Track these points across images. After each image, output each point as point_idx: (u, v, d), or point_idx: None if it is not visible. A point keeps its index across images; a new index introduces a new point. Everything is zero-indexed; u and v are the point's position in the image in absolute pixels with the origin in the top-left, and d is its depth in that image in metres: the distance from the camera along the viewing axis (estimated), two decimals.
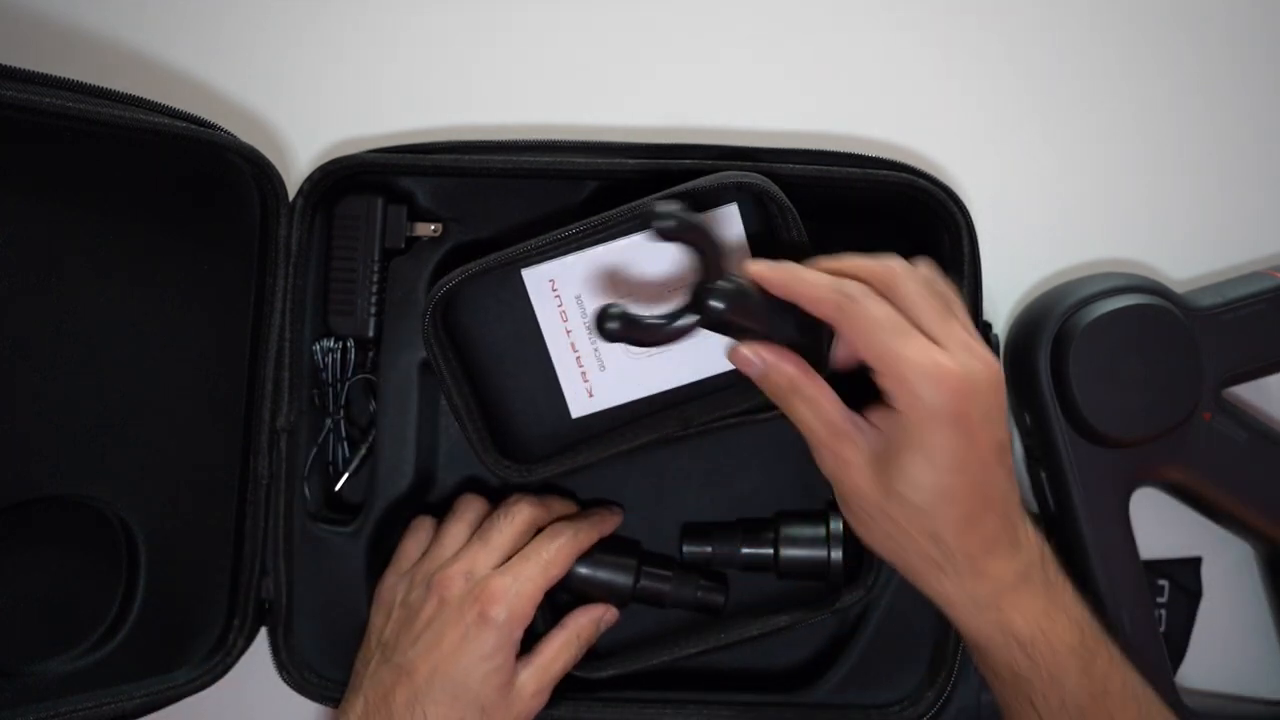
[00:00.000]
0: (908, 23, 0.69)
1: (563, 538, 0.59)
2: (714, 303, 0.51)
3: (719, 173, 0.58)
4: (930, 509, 0.50)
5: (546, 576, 0.58)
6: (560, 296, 0.59)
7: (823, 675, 0.64)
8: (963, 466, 0.49)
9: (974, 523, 0.50)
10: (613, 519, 0.63)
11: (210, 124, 0.59)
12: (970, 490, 0.50)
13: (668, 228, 0.51)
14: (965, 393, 0.49)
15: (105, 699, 0.57)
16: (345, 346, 0.64)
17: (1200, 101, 0.69)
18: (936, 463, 0.49)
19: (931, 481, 0.49)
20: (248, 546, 0.62)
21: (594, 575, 0.62)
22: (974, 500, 0.50)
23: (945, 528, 0.50)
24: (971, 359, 0.49)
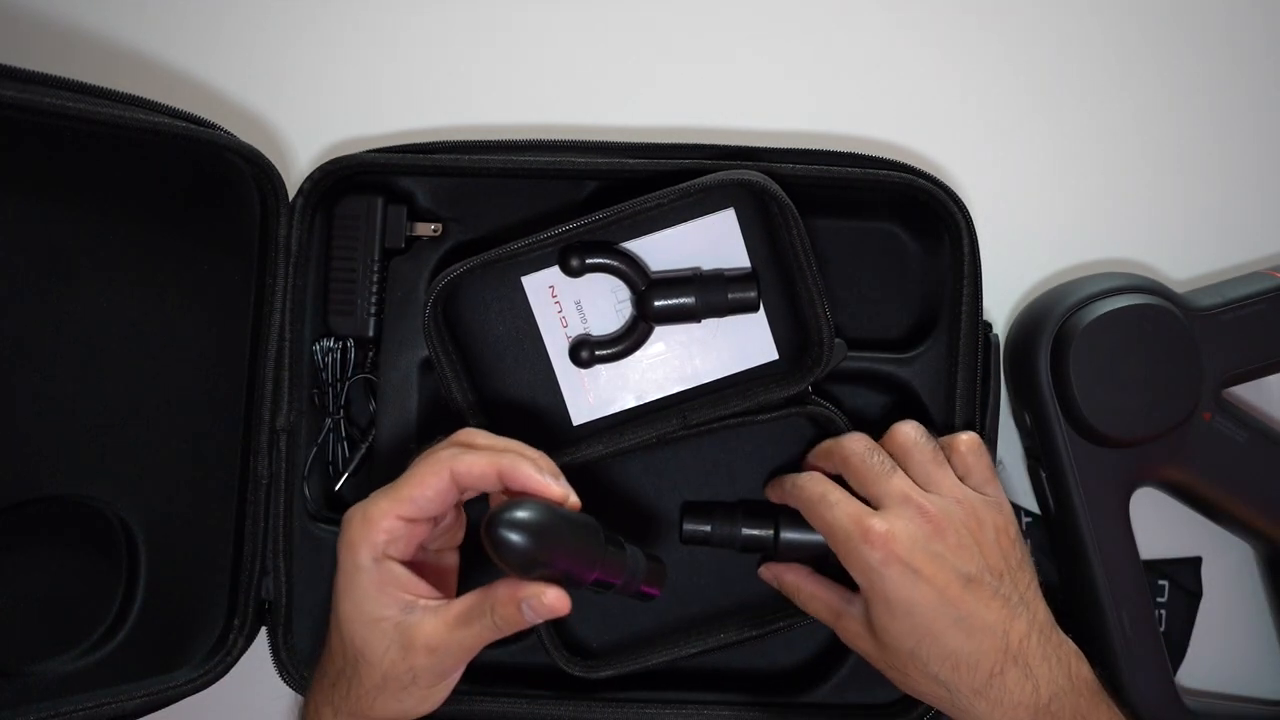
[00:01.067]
0: (908, 23, 0.69)
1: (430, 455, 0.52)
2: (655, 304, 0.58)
3: (719, 172, 0.58)
4: (914, 652, 0.53)
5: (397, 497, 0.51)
6: (560, 303, 0.60)
7: (823, 676, 0.64)
8: (918, 604, 0.53)
9: (961, 659, 0.52)
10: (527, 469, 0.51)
11: (210, 124, 0.59)
12: (944, 626, 0.52)
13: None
14: (890, 539, 0.53)
15: (105, 699, 0.57)
16: (345, 346, 0.64)
17: (1200, 102, 0.69)
18: (895, 611, 0.53)
19: (900, 628, 0.53)
20: (248, 546, 0.62)
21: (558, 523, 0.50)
22: (953, 634, 0.52)
23: (938, 667, 0.53)
24: (903, 509, 0.54)
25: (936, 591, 0.52)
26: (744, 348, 0.61)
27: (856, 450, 0.57)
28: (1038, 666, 0.53)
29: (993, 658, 0.52)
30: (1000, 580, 0.54)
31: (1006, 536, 0.55)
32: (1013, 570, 0.54)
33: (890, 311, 0.65)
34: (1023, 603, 0.54)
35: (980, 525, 0.55)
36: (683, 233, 0.59)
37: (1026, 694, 0.52)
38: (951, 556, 0.53)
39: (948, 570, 0.53)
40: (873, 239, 0.65)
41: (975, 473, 0.57)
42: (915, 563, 0.52)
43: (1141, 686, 0.62)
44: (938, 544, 0.53)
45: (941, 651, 0.53)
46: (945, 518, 0.54)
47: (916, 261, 0.65)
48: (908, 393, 0.63)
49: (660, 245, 0.59)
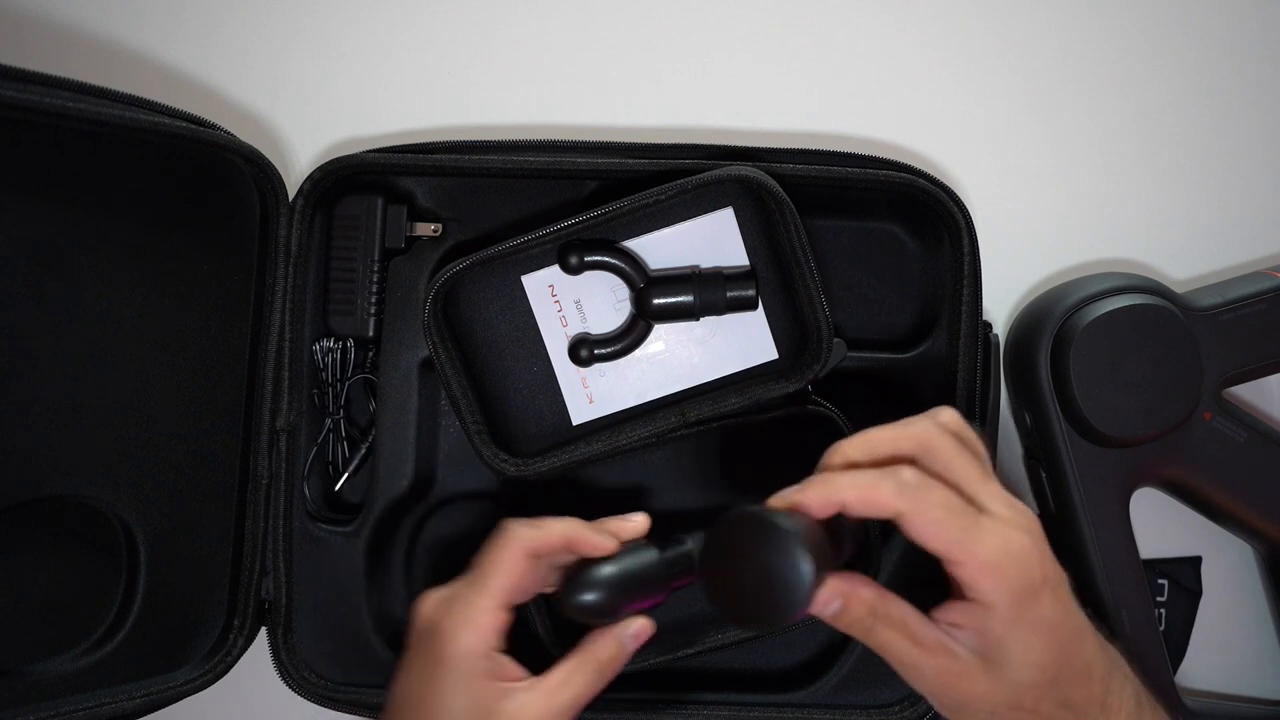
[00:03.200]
0: (908, 23, 0.69)
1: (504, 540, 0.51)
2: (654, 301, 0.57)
3: (718, 169, 0.58)
4: (1056, 677, 0.47)
5: (487, 591, 0.49)
6: (560, 301, 0.60)
7: (822, 675, 0.64)
8: (1060, 625, 0.47)
9: (1091, 672, 0.48)
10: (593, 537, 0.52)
11: (210, 124, 0.59)
12: (1075, 642, 0.48)
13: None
14: (1033, 560, 0.47)
15: (105, 699, 0.57)
16: (345, 346, 0.64)
17: (1200, 102, 0.69)
18: (1044, 634, 0.47)
19: (1039, 659, 0.47)
20: (248, 546, 0.62)
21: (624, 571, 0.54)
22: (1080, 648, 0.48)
23: (1069, 689, 0.47)
24: (1018, 519, 0.47)
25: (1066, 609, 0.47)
26: (744, 347, 0.61)
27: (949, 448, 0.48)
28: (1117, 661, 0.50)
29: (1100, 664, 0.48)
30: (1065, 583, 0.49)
31: None
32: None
33: (890, 311, 0.65)
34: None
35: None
36: (681, 231, 0.59)
37: (1128, 692, 0.49)
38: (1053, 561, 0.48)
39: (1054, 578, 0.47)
40: (873, 239, 0.65)
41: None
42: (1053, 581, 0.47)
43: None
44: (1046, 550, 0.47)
45: (1072, 670, 0.47)
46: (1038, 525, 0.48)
47: (916, 261, 0.65)
48: (908, 393, 0.63)
49: (659, 244, 0.59)
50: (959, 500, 0.46)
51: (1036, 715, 0.47)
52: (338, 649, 0.63)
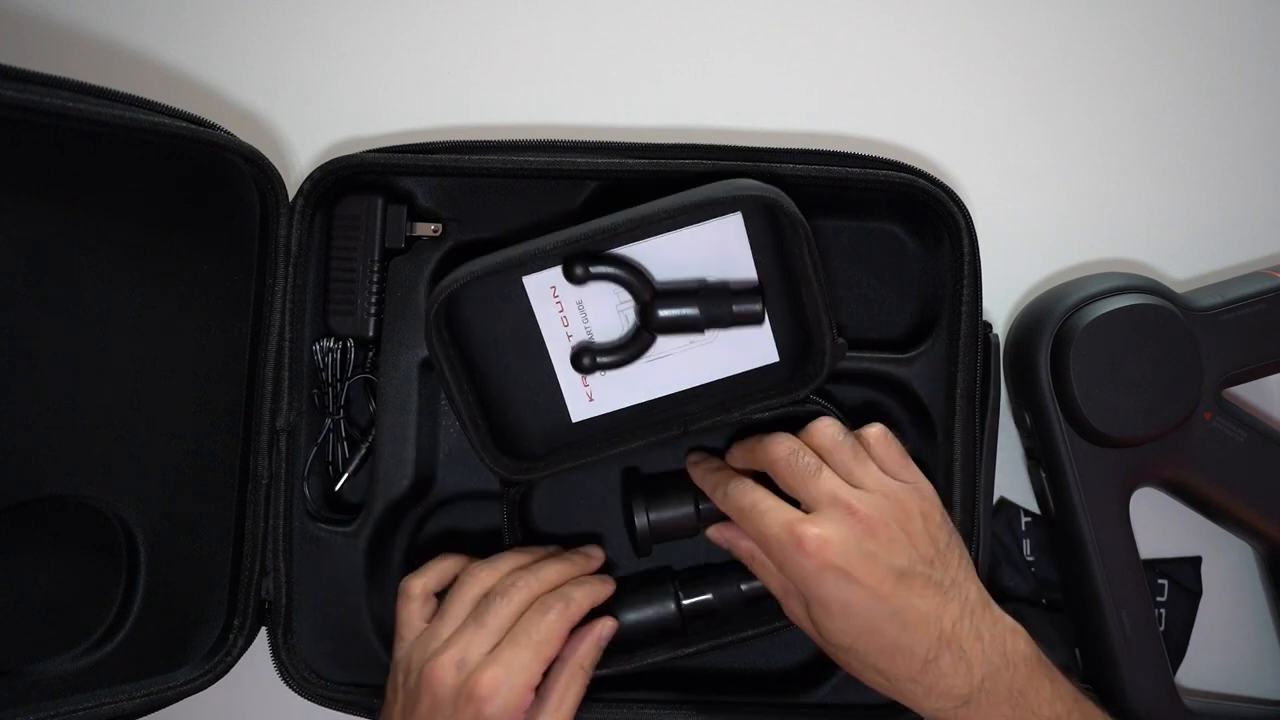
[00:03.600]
0: (908, 23, 0.69)
1: (553, 613, 0.56)
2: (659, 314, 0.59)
3: (732, 181, 0.58)
4: (852, 647, 0.54)
5: (540, 658, 0.55)
6: (561, 302, 0.59)
7: (822, 676, 0.64)
8: (855, 608, 0.53)
9: (898, 650, 0.53)
10: (604, 587, 0.60)
11: (210, 124, 0.59)
12: (880, 622, 0.53)
13: None
14: (823, 546, 0.53)
15: (105, 699, 0.57)
16: (345, 346, 0.64)
17: (1200, 102, 0.69)
18: (831, 612, 0.54)
19: (838, 627, 0.54)
20: (248, 546, 0.62)
21: (641, 620, 0.61)
22: (889, 629, 0.53)
23: (875, 659, 0.54)
24: (833, 511, 0.54)
25: (870, 591, 0.53)
26: (745, 349, 0.61)
27: (782, 453, 0.57)
28: (970, 648, 0.53)
29: (927, 645, 0.53)
30: (931, 567, 0.54)
31: (933, 521, 0.56)
32: (942, 554, 0.55)
33: (890, 311, 0.65)
34: (955, 585, 0.54)
35: (907, 515, 0.55)
36: (688, 236, 0.58)
37: (960, 675, 0.53)
38: (884, 554, 0.53)
39: (881, 568, 0.53)
40: (873, 239, 0.65)
41: (888, 461, 0.57)
42: (849, 566, 0.53)
43: (1141, 686, 0.62)
44: (870, 543, 0.53)
45: (879, 645, 0.53)
46: (875, 514, 0.54)
47: (916, 261, 0.65)
48: (907, 393, 0.63)
49: (665, 249, 0.59)
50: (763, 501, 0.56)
51: (850, 667, 0.55)
52: (338, 649, 0.63)
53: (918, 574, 0.54)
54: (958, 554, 0.56)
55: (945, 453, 0.62)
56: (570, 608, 0.57)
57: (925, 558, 0.54)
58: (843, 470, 0.56)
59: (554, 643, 0.56)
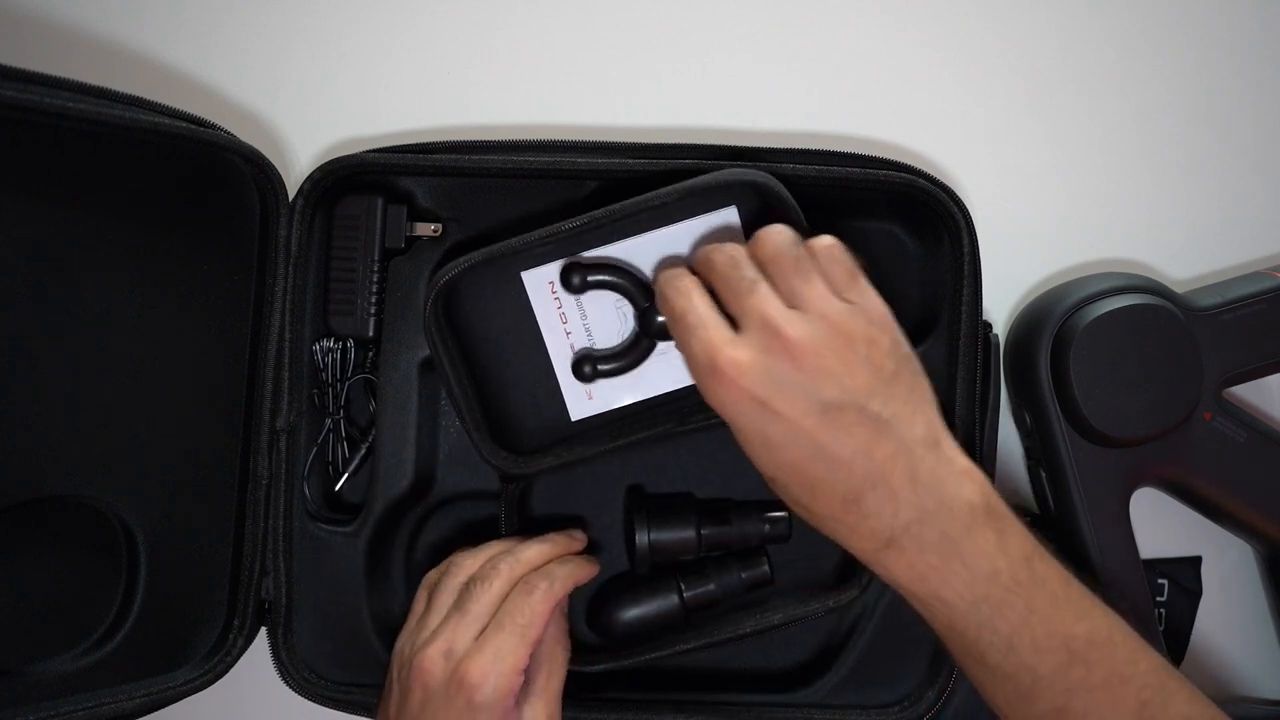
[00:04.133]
0: (908, 23, 0.69)
1: (537, 593, 0.56)
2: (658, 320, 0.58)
3: (724, 170, 0.58)
4: (774, 478, 0.51)
5: (527, 641, 0.54)
6: (559, 298, 0.60)
7: (822, 675, 0.64)
8: (775, 441, 0.50)
9: (819, 487, 0.50)
10: (589, 566, 0.60)
11: (210, 124, 0.59)
12: (801, 457, 0.50)
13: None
14: (738, 374, 0.49)
15: (105, 699, 0.57)
16: (345, 346, 0.64)
17: (1200, 102, 0.69)
18: (751, 443, 0.51)
19: (757, 458, 0.51)
20: (247, 546, 0.62)
21: (644, 614, 0.62)
22: (811, 465, 0.49)
23: (798, 494, 0.51)
24: (760, 334, 0.50)
25: (790, 425, 0.49)
26: None
27: (721, 260, 0.52)
28: (901, 488, 0.49)
29: (850, 483, 0.49)
30: (870, 398, 0.49)
31: (878, 348, 0.50)
32: (886, 383, 0.50)
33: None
34: (895, 420, 0.49)
35: (847, 341, 0.50)
36: (684, 230, 0.59)
37: (885, 518, 0.49)
38: (810, 383, 0.49)
39: (803, 401, 0.49)
40: (873, 239, 0.65)
41: (835, 277, 0.52)
42: (766, 396, 0.49)
43: None
44: (794, 372, 0.49)
45: (800, 480, 0.50)
46: (805, 341, 0.49)
47: (916, 261, 0.65)
48: None
49: (661, 242, 0.59)
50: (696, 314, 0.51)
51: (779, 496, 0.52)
52: (338, 649, 0.63)
53: (849, 406, 0.49)
54: (905, 384, 0.51)
55: None
56: (555, 586, 0.56)
57: (863, 388, 0.49)
58: (783, 285, 0.51)
59: (539, 624, 0.55)
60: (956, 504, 0.50)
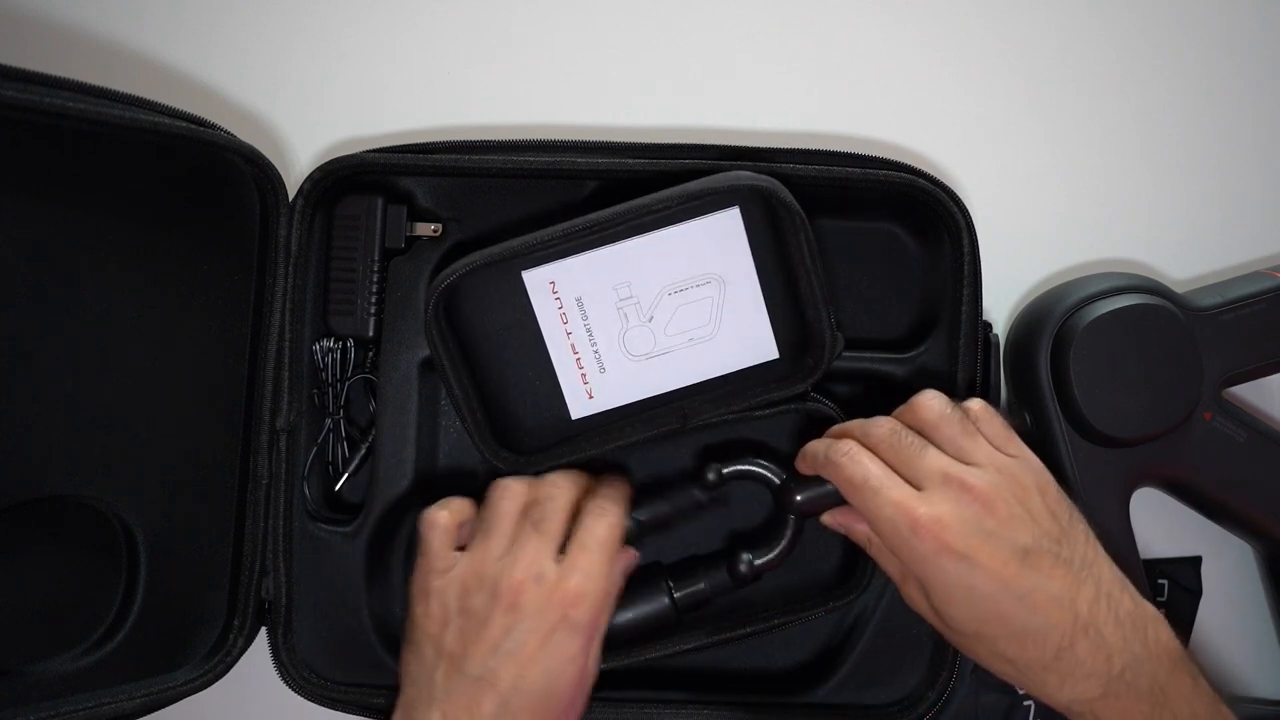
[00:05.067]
0: (908, 23, 0.69)
1: (610, 515, 0.56)
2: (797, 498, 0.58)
3: (729, 173, 0.58)
4: (979, 633, 0.51)
5: (611, 561, 0.55)
6: (560, 299, 0.60)
7: (823, 676, 0.64)
8: (978, 592, 0.50)
9: (1028, 636, 0.50)
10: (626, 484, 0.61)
11: (210, 124, 0.59)
12: (1007, 607, 0.50)
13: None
14: (939, 529, 0.50)
15: (105, 699, 0.57)
16: (345, 346, 0.64)
17: (1200, 102, 0.69)
18: (953, 598, 0.51)
19: (962, 614, 0.51)
20: (247, 546, 0.62)
21: (635, 617, 0.60)
22: (1018, 613, 0.50)
23: (1004, 646, 0.51)
24: (945, 489, 0.51)
25: (994, 574, 0.49)
26: (745, 345, 0.61)
27: (884, 435, 0.54)
28: (1110, 634, 0.49)
29: (1061, 630, 0.49)
30: (1059, 544, 0.50)
31: (1050, 496, 0.52)
32: (1066, 530, 0.51)
33: (890, 311, 0.65)
34: (1085, 564, 0.51)
35: (1025, 490, 0.51)
36: (686, 231, 0.59)
37: (1099, 664, 0.49)
38: (1005, 532, 0.50)
39: (1004, 548, 0.50)
40: (873, 239, 0.65)
41: (994, 435, 0.54)
42: (968, 548, 0.50)
43: None
44: (989, 521, 0.50)
45: (1007, 631, 0.50)
46: (991, 490, 0.51)
47: (916, 261, 0.65)
48: (908, 393, 0.63)
49: (663, 245, 0.59)
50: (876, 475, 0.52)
51: (977, 656, 0.52)
52: (338, 649, 0.63)
53: (1045, 552, 0.50)
54: (1082, 530, 0.52)
55: None
56: (622, 509, 0.57)
57: (1051, 535, 0.51)
58: (951, 446, 0.53)
59: (617, 542, 0.56)
60: (1158, 648, 0.50)
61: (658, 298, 0.59)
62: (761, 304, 0.60)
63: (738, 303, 0.60)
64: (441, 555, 0.57)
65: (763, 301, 0.60)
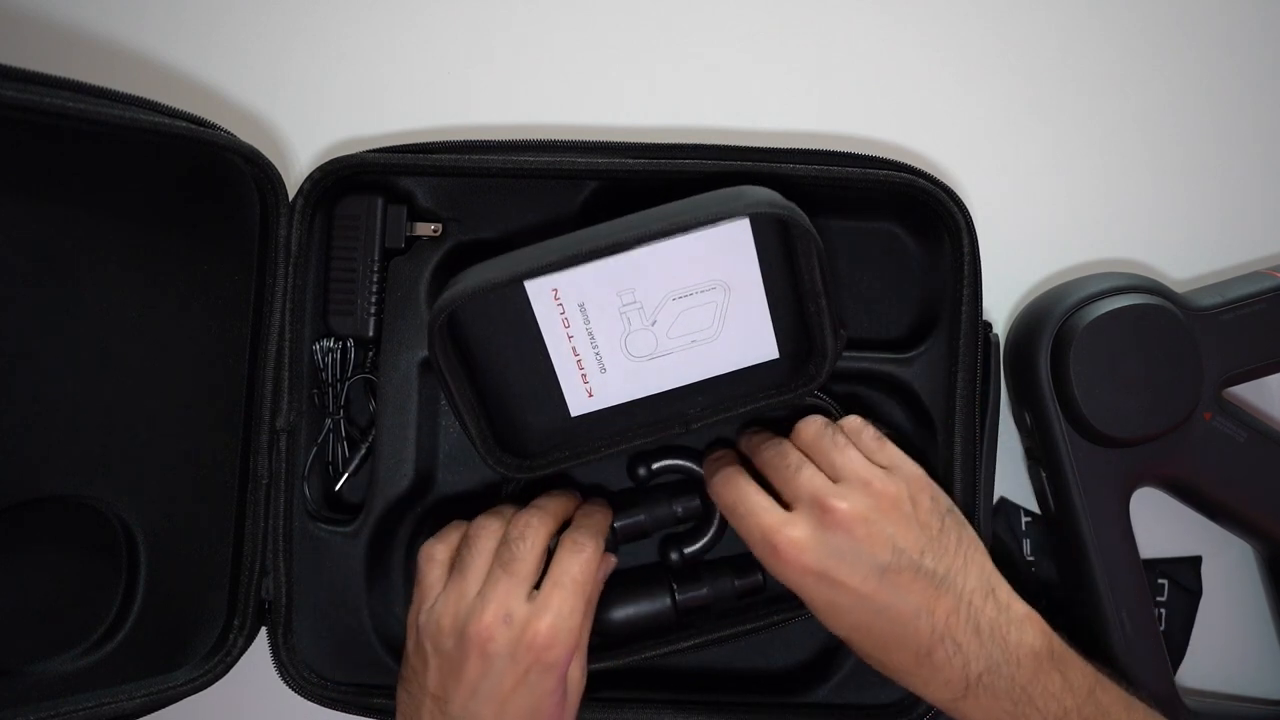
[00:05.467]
0: (908, 23, 0.69)
1: (587, 551, 0.57)
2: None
3: (744, 190, 0.56)
4: (850, 640, 0.55)
5: (585, 598, 0.56)
6: (563, 305, 0.59)
7: (822, 676, 0.64)
8: (841, 608, 0.53)
9: (890, 644, 0.53)
10: (608, 514, 0.62)
11: (210, 124, 0.59)
12: (868, 619, 0.53)
13: None
14: (796, 552, 0.53)
15: (105, 699, 0.57)
16: (345, 346, 0.64)
17: (1200, 102, 0.69)
18: (820, 611, 0.54)
19: (829, 624, 0.54)
20: (247, 546, 0.62)
21: (635, 614, 0.62)
22: (879, 624, 0.53)
23: (873, 651, 0.54)
24: (809, 515, 0.54)
25: (851, 592, 0.52)
26: (746, 345, 0.61)
27: (768, 454, 0.57)
28: (966, 641, 0.52)
29: (919, 640, 0.52)
30: (923, 556, 0.53)
31: (922, 507, 0.54)
32: (935, 540, 0.53)
33: (890, 311, 0.65)
34: (949, 574, 0.53)
35: (892, 504, 0.54)
36: (694, 240, 0.57)
37: (956, 670, 0.52)
38: (865, 550, 0.52)
39: (862, 566, 0.52)
40: (873, 239, 0.65)
41: (867, 449, 0.56)
42: (826, 568, 0.52)
43: (1141, 686, 0.62)
44: (848, 542, 0.52)
45: (872, 640, 0.53)
46: (853, 511, 0.53)
47: (916, 261, 0.65)
48: (908, 393, 0.63)
49: (670, 252, 0.57)
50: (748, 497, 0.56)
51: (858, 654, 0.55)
52: (338, 649, 0.63)
53: (904, 567, 0.52)
54: (954, 538, 0.54)
55: (945, 453, 0.62)
56: (597, 540, 0.58)
57: (914, 547, 0.53)
58: (825, 463, 0.55)
59: (593, 581, 0.56)
60: (1021, 651, 0.52)
61: (661, 302, 0.59)
62: (766, 311, 0.59)
63: (742, 307, 0.59)
64: (434, 588, 0.57)
65: (768, 309, 0.59)
